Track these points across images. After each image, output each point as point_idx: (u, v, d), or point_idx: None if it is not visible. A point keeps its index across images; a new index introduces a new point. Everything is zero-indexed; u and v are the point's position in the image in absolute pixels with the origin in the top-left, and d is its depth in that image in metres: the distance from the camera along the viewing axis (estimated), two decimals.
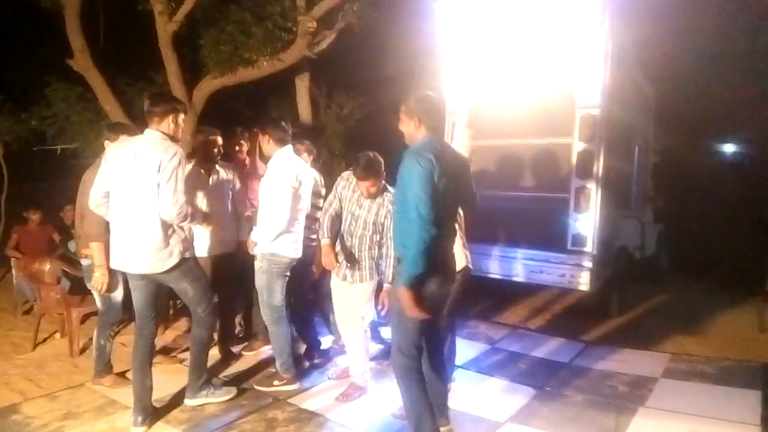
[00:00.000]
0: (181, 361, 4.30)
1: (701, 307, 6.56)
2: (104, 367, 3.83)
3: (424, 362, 2.80)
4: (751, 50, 8.33)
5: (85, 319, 5.13)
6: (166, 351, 4.51)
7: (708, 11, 7.22)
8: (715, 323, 5.96)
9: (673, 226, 8.48)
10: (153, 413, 3.30)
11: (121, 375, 3.91)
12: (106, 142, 3.68)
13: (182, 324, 5.23)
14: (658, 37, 6.19)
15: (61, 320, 4.90)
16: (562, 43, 5.18)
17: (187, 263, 3.26)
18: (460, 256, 3.39)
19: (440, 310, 2.91)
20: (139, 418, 3.19)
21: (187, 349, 4.38)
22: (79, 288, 5.55)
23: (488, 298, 6.39)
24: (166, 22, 6.02)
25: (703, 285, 7.82)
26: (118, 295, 3.74)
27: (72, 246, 6.17)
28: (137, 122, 6.66)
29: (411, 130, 2.76)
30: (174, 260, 3.17)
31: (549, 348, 4.92)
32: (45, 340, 4.91)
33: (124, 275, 3.52)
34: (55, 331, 5.03)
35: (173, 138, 3.17)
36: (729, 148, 11.73)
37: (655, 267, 8.05)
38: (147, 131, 3.15)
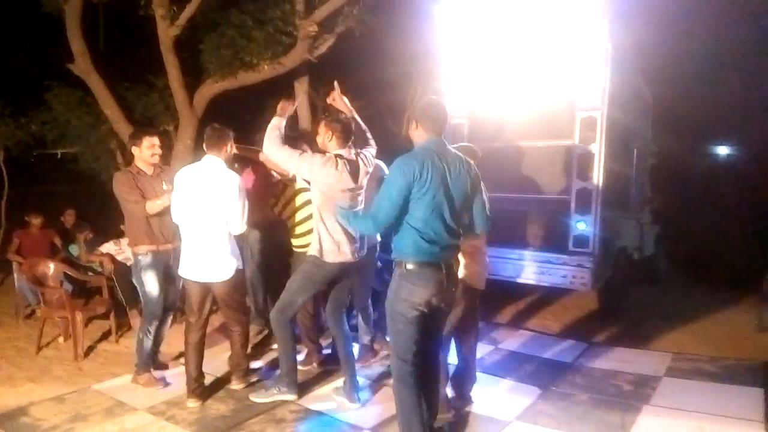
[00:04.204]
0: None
1: (700, 307, 6.61)
2: (142, 363, 3.88)
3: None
4: (747, 54, 8.45)
5: (88, 322, 5.13)
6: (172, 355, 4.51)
7: (704, 16, 7.32)
8: (713, 323, 6.01)
9: (670, 227, 8.56)
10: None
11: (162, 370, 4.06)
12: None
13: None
14: (657, 40, 6.26)
15: (64, 324, 4.88)
16: (563, 46, 5.24)
17: None
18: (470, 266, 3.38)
19: (438, 321, 2.83)
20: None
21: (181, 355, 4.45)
22: (81, 291, 5.57)
23: (491, 299, 6.39)
24: (168, 26, 6.02)
25: (701, 285, 7.89)
26: (153, 290, 3.83)
27: (74, 249, 6.18)
28: (137, 127, 6.71)
29: (411, 131, 2.81)
30: None
31: (552, 348, 4.96)
32: (48, 344, 4.89)
33: (162, 272, 3.83)
34: (58, 335, 5.01)
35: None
36: (725, 150, 11.86)
37: (654, 267, 8.12)
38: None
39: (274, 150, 3.42)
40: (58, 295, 4.78)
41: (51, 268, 5.14)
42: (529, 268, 5.49)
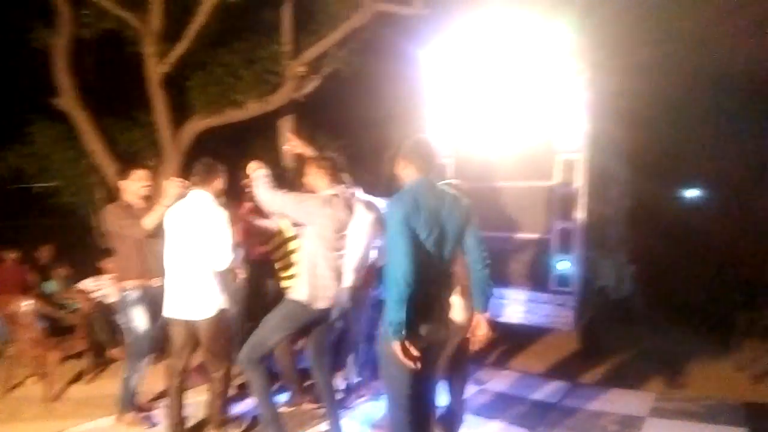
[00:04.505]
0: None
1: (677, 347, 6.67)
2: (127, 402, 3.78)
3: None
4: (719, 102, 8.87)
5: (61, 362, 4.94)
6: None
7: (676, 65, 7.71)
8: (692, 362, 6.04)
9: (645, 267, 8.69)
10: None
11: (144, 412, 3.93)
12: None
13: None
14: (633, 87, 6.56)
15: (35, 363, 4.69)
16: (544, 90, 5.43)
17: None
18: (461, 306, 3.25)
19: (433, 360, 2.74)
20: None
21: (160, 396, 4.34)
22: (55, 330, 5.38)
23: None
24: (157, 63, 6.09)
25: (676, 325, 7.98)
26: (141, 325, 3.78)
27: (50, 286, 6.00)
28: (120, 162, 6.66)
29: (399, 170, 2.79)
30: None
31: (537, 388, 4.93)
32: (17, 385, 4.69)
33: (151, 310, 3.75)
34: (29, 375, 4.80)
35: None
36: (696, 193, 12.26)
37: (631, 307, 8.20)
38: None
39: (268, 198, 3.36)
40: (31, 333, 4.61)
41: (24, 305, 4.96)
42: (511, 307, 5.51)
